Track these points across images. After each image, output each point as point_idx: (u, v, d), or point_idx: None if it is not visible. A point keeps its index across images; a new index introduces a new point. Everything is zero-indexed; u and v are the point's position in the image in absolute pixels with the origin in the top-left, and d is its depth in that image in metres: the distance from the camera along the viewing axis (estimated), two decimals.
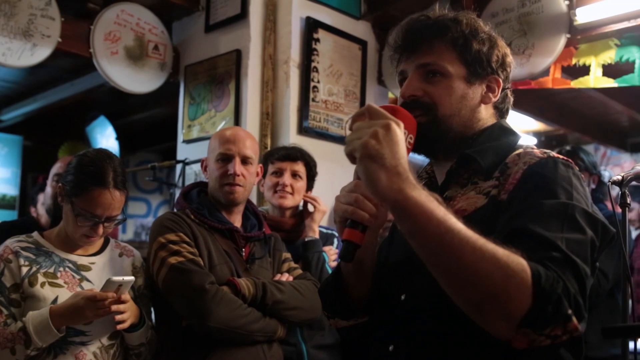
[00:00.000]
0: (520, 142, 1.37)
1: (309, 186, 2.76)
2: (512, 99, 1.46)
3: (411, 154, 1.26)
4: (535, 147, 1.34)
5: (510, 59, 1.41)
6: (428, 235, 1.03)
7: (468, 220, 1.16)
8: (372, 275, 1.38)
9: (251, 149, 2.28)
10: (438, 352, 1.21)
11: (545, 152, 1.28)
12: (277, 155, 2.71)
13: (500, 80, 1.38)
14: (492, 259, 1.00)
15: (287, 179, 2.64)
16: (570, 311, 1.01)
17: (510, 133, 1.38)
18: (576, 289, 1.03)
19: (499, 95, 1.38)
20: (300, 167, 2.70)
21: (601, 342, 2.62)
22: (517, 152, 1.30)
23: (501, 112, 1.43)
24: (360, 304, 1.39)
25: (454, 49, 1.33)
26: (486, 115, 1.38)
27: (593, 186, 3.20)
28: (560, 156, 1.27)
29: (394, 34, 1.40)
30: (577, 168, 1.27)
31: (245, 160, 2.25)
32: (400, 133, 1.06)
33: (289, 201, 2.65)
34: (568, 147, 3.35)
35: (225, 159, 2.23)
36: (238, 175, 2.20)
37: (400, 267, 1.33)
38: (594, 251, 1.13)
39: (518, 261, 1.01)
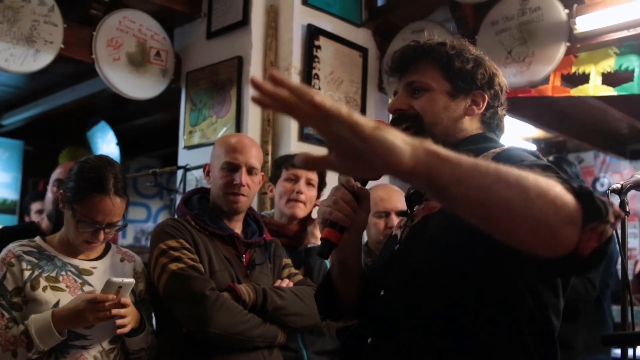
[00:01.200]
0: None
1: (317, 196, 2.73)
2: (504, 119, 1.52)
3: None
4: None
5: (500, 80, 1.50)
6: (472, 171, 0.95)
7: (435, 217, 1.30)
8: (360, 279, 1.46)
9: (256, 158, 2.29)
10: (414, 344, 1.27)
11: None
12: (293, 161, 2.66)
13: (486, 96, 1.46)
14: (532, 175, 0.97)
15: (302, 186, 2.58)
16: (606, 200, 1.00)
17: (490, 141, 1.45)
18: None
19: (483, 108, 1.46)
20: (314, 176, 2.64)
21: (588, 349, 2.65)
22: (492, 151, 1.36)
23: (489, 126, 1.49)
24: (349, 305, 1.48)
25: (437, 67, 1.45)
26: (470, 126, 1.46)
27: None
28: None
29: (387, 59, 1.53)
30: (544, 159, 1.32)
31: (250, 171, 2.25)
32: None
33: (302, 211, 2.59)
34: (550, 158, 3.33)
35: (232, 168, 2.23)
36: (244, 186, 2.21)
37: (383, 265, 1.43)
38: None
39: (547, 178, 1.00)
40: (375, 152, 0.92)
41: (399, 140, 0.93)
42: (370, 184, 1.46)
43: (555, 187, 0.97)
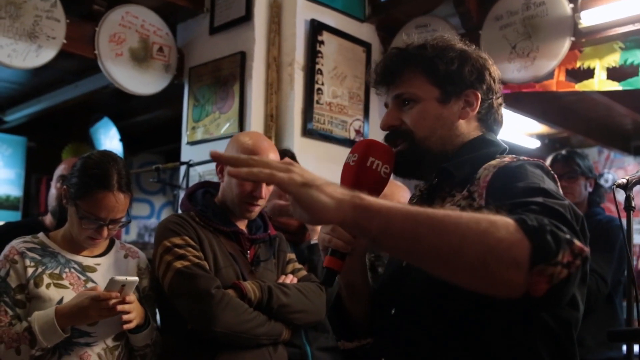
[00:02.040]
0: (502, 152, 1.40)
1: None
2: (500, 109, 1.48)
3: None
4: (510, 156, 1.37)
5: (491, 70, 1.44)
6: (399, 223, 0.99)
7: None
8: (368, 297, 1.44)
9: None
10: None
11: (516, 157, 1.31)
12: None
13: (479, 93, 1.40)
14: (471, 217, 0.98)
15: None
16: (568, 235, 0.98)
17: (491, 144, 1.41)
18: (564, 226, 1.01)
19: (478, 107, 1.41)
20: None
21: (598, 346, 2.64)
22: (493, 162, 1.31)
23: (487, 124, 1.45)
24: (361, 326, 1.46)
25: (422, 74, 1.39)
26: (467, 129, 1.41)
27: (590, 190, 3.22)
28: (531, 159, 1.30)
29: (372, 70, 1.48)
30: (550, 168, 1.29)
31: None
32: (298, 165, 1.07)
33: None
34: (563, 152, 3.34)
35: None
36: (262, 198, 2.20)
37: (390, 281, 1.39)
38: (577, 217, 1.10)
39: (495, 215, 1.00)
40: (303, 208, 0.99)
41: (325, 197, 0.98)
42: None
43: (499, 231, 0.96)
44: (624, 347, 2.86)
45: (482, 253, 0.96)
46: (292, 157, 2.80)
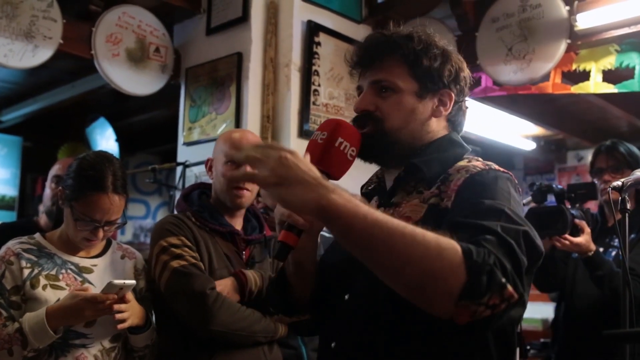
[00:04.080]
0: (469, 154, 1.43)
1: None
2: (466, 112, 1.51)
3: None
4: (479, 159, 1.39)
5: (465, 73, 1.46)
6: (357, 231, 1.07)
7: None
8: (313, 276, 1.46)
9: None
10: (378, 350, 1.27)
11: (487, 164, 1.34)
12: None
13: (453, 94, 1.43)
14: (422, 241, 1.05)
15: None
16: (504, 280, 1.05)
17: (458, 145, 1.44)
18: (510, 265, 1.07)
19: (450, 108, 1.44)
20: None
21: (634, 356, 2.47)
22: (461, 162, 1.36)
23: (454, 124, 1.48)
24: (302, 302, 1.48)
25: (405, 65, 1.40)
26: (437, 127, 1.44)
27: None
28: (501, 169, 1.33)
29: (351, 51, 1.48)
30: (516, 181, 1.33)
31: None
32: (296, 156, 1.12)
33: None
34: (608, 142, 3.00)
35: (235, 163, 2.23)
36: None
37: (344, 266, 1.39)
38: (531, 246, 1.16)
39: (448, 241, 1.06)
40: (276, 201, 1.16)
41: (294, 197, 1.09)
42: None
43: (442, 260, 1.04)
44: None
45: (422, 276, 1.05)
46: None
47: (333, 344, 1.36)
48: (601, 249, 2.78)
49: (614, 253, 2.81)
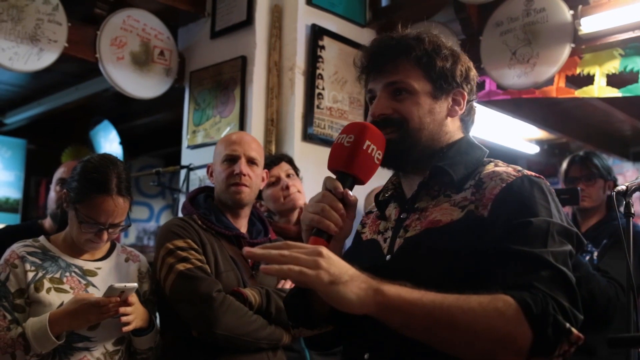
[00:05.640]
0: (489, 156, 1.42)
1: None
2: (476, 112, 1.50)
3: None
4: (502, 163, 1.38)
5: (474, 72, 1.45)
6: (420, 319, 1.07)
7: (443, 231, 1.26)
8: None
9: (256, 151, 2.29)
10: (412, 358, 1.24)
11: (518, 170, 1.32)
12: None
13: (465, 93, 1.42)
14: (483, 311, 1.06)
15: (285, 179, 2.70)
16: (568, 325, 1.06)
17: (477, 147, 1.43)
18: (568, 301, 1.09)
19: (464, 107, 1.43)
20: (286, 166, 2.78)
21: (611, 355, 2.58)
22: (488, 167, 1.34)
23: (466, 124, 1.47)
24: (323, 313, 1.41)
25: (419, 67, 1.38)
26: (453, 128, 1.43)
27: (609, 192, 3.05)
28: (532, 173, 1.31)
29: (360, 55, 1.46)
30: (548, 183, 1.31)
31: (251, 161, 2.26)
32: (330, 253, 1.11)
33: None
34: (581, 153, 3.21)
35: (231, 159, 2.24)
36: (244, 175, 2.21)
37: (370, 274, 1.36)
38: (574, 262, 1.20)
39: (504, 300, 1.07)
40: (331, 301, 1.07)
41: (350, 294, 1.06)
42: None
43: (507, 325, 1.05)
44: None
45: (492, 345, 1.07)
46: (290, 162, 2.81)
47: (366, 355, 1.32)
48: None
49: (587, 257, 2.83)
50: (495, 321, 1.05)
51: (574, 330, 1.07)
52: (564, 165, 3.21)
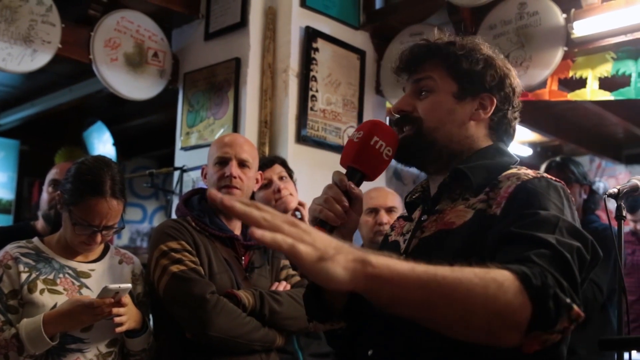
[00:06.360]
0: (514, 163, 1.39)
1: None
2: (514, 123, 1.46)
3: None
4: (529, 169, 1.35)
5: (512, 81, 1.42)
6: (412, 292, 0.97)
7: (455, 233, 1.24)
8: None
9: (249, 153, 2.29)
10: (417, 357, 1.23)
11: (539, 173, 1.30)
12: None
13: (495, 99, 1.39)
14: (479, 281, 0.98)
15: (278, 182, 2.67)
16: (568, 300, 1.01)
17: (505, 154, 1.40)
18: (566, 282, 1.03)
19: (491, 112, 1.40)
20: (279, 169, 2.74)
21: (591, 354, 2.63)
22: (510, 170, 1.32)
23: (497, 133, 1.43)
24: (336, 308, 1.42)
25: (444, 66, 1.39)
26: (477, 132, 1.40)
27: (584, 196, 3.19)
28: (553, 178, 1.29)
29: (396, 59, 1.47)
30: (569, 190, 1.29)
31: (242, 164, 2.25)
32: (308, 226, 1.01)
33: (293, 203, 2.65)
34: (558, 159, 3.34)
35: (223, 162, 2.24)
36: (235, 178, 2.21)
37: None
38: (582, 262, 1.12)
39: (501, 272, 1.00)
40: (317, 279, 0.94)
41: (338, 269, 0.93)
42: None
43: (505, 295, 0.97)
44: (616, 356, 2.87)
45: (490, 318, 0.99)
46: (284, 164, 2.81)
47: (370, 352, 1.33)
48: None
49: None
50: (494, 291, 0.97)
51: (574, 306, 1.00)
52: (542, 170, 3.26)
